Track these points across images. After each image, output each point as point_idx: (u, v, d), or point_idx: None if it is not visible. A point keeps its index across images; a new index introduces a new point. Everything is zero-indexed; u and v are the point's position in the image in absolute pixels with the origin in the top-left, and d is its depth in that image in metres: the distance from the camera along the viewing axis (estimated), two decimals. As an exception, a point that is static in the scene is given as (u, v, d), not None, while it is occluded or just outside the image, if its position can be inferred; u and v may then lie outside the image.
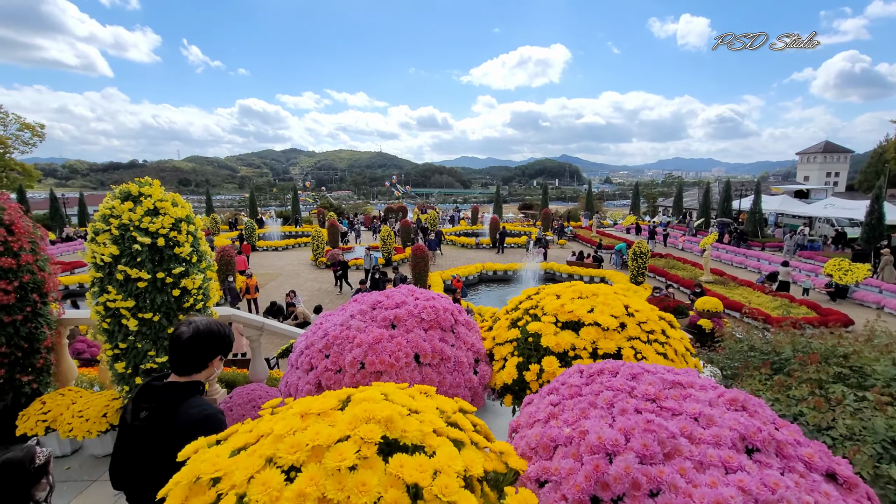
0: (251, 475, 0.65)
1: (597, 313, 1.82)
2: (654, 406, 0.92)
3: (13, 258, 3.94)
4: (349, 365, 1.62)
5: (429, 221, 32.44)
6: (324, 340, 1.73)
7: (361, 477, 0.65)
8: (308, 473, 0.65)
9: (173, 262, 3.86)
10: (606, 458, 0.79)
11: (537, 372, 1.74)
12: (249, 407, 4.47)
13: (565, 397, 1.06)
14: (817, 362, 3.48)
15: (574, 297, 1.97)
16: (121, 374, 3.85)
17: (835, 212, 25.37)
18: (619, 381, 1.02)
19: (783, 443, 0.90)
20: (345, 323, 1.79)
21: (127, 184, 3.92)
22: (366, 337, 1.68)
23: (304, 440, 0.68)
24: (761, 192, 28.44)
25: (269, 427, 0.76)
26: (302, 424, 0.73)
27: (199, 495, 0.65)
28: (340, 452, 0.68)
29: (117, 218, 3.73)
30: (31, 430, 4.01)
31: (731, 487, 0.74)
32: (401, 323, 1.85)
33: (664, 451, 0.78)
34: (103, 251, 3.64)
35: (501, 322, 2.09)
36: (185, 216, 4.03)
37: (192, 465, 0.69)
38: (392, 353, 1.65)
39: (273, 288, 18.55)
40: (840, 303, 15.37)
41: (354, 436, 0.71)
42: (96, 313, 3.80)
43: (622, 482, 0.72)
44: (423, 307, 1.91)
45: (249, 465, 0.66)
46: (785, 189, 36.40)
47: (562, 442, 0.88)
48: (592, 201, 44.09)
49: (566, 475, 0.78)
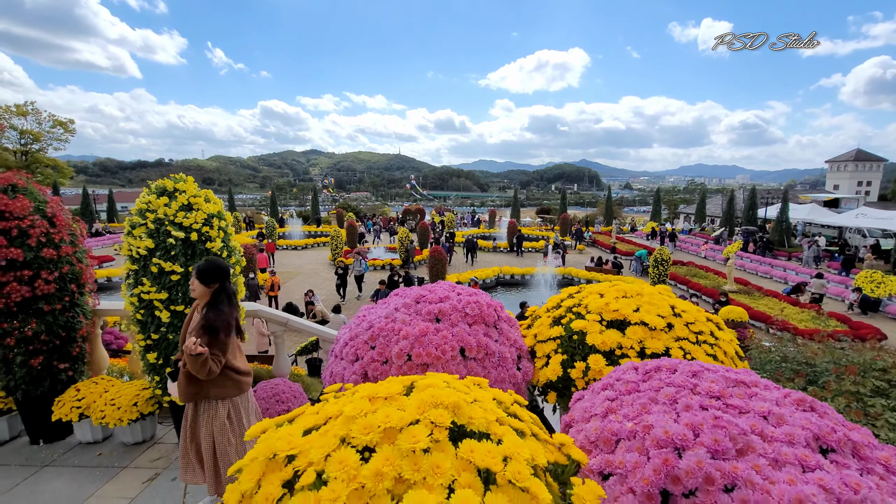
0: (327, 454, 0.66)
1: (643, 312, 1.79)
2: (720, 403, 0.91)
3: (54, 250, 4.09)
4: (396, 356, 1.64)
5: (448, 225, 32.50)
6: (369, 332, 1.75)
7: (435, 459, 0.66)
8: (383, 454, 0.65)
9: (205, 257, 3.95)
10: (675, 452, 0.78)
11: (583, 369, 1.73)
12: (274, 401, 4.53)
13: (622, 393, 1.04)
14: (856, 374, 3.37)
15: (618, 297, 1.94)
16: (152, 364, 3.96)
17: (867, 222, 24.50)
18: (680, 377, 1.00)
19: (859, 444, 0.88)
20: (389, 315, 1.81)
21: (163, 180, 4.04)
22: (412, 329, 1.70)
23: (375, 422, 0.69)
24: (789, 201, 27.67)
25: (337, 409, 0.77)
26: (371, 407, 0.74)
27: (276, 471, 0.66)
28: (413, 435, 0.69)
29: (153, 212, 3.84)
30: (66, 415, 4.14)
31: (812, 485, 0.71)
32: (445, 317, 1.86)
33: (736, 448, 0.77)
34: (139, 244, 3.75)
35: (543, 320, 2.07)
36: (217, 212, 4.13)
37: (267, 442, 0.71)
38: (438, 346, 1.66)
39: (293, 286, 18.82)
40: (872, 316, 14.82)
41: (424, 419, 0.71)
42: (130, 304, 3.91)
43: (695, 476, 0.71)
44: (466, 302, 1.91)
45: (325, 444, 0.67)
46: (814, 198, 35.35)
47: (624, 436, 0.87)
48: (612, 207, 43.55)
49: (632, 468, 0.77)
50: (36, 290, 3.97)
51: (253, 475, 0.68)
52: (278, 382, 4.79)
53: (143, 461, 4.10)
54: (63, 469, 3.97)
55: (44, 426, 4.30)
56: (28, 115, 39.53)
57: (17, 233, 3.89)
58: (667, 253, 18.44)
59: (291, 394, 4.72)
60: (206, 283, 2.85)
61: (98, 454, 4.18)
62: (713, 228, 35.11)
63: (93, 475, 3.88)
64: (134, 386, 4.34)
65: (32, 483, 3.77)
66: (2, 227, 3.83)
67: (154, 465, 4.04)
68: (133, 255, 3.83)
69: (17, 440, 4.41)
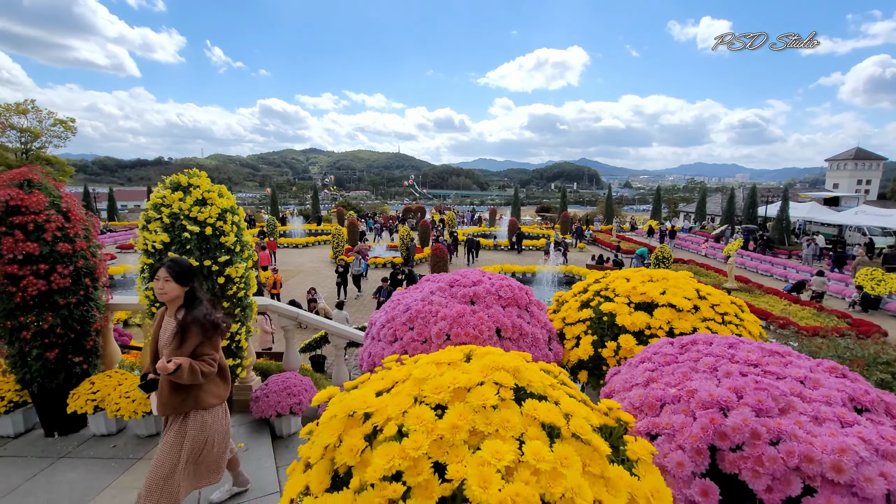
0: (404, 410, 0.71)
1: (669, 295, 1.84)
2: (758, 370, 0.96)
3: (69, 244, 4.13)
4: (435, 336, 1.70)
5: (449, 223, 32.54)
6: (406, 314, 1.81)
7: (504, 415, 0.71)
8: (456, 410, 0.71)
9: (219, 251, 4.01)
10: (720, 412, 0.84)
11: (614, 349, 1.79)
12: (286, 394, 4.59)
13: (661, 364, 1.10)
14: (862, 367, 3.43)
15: (644, 280, 2.00)
16: (167, 357, 4.01)
17: (867, 220, 24.59)
18: (717, 349, 1.05)
19: (891, 405, 0.93)
20: (426, 298, 1.87)
21: (177, 175, 4.09)
22: (449, 311, 1.75)
23: (445, 383, 0.74)
24: (789, 199, 27.75)
25: (404, 374, 0.82)
26: (438, 371, 0.79)
27: (356, 427, 0.71)
28: (482, 394, 0.74)
29: (168, 207, 3.89)
30: (81, 408, 4.19)
31: (852, 437, 0.76)
32: (480, 300, 1.92)
33: (778, 407, 0.82)
34: (155, 238, 3.81)
35: (570, 304, 2.14)
36: (230, 207, 4.18)
37: (343, 402, 0.76)
38: (476, 327, 1.72)
39: (294, 284, 18.88)
40: (872, 314, 14.91)
41: (488, 381, 0.76)
42: (146, 298, 3.96)
43: (741, 432, 0.76)
44: (500, 286, 1.98)
45: (400, 403, 0.72)
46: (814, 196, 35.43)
47: (669, 400, 0.93)
48: (612, 205, 43.62)
49: (680, 428, 0.82)
50: (51, 283, 4.02)
51: (333, 430, 0.73)
52: (290, 376, 4.85)
53: (158, 453, 4.15)
54: (78, 461, 4.02)
55: (59, 419, 4.35)
56: (28, 113, 39.48)
57: (34, 227, 3.93)
58: (668, 251, 18.48)
59: (302, 387, 4.78)
60: (184, 284, 2.72)
61: (113, 446, 4.24)
62: (713, 227, 35.20)
63: (108, 466, 3.93)
64: (147, 379, 4.39)
65: (49, 474, 3.82)
66: (19, 222, 3.87)
67: (169, 456, 4.09)
68: (149, 249, 3.88)
69: (33, 432, 4.46)
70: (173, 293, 2.70)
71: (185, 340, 2.64)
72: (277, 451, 4.40)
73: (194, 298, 2.76)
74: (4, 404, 4.26)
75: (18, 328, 3.99)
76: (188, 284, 2.75)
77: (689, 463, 0.79)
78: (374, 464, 0.63)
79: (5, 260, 3.84)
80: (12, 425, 4.34)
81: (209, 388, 2.79)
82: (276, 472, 4.01)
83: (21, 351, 4.08)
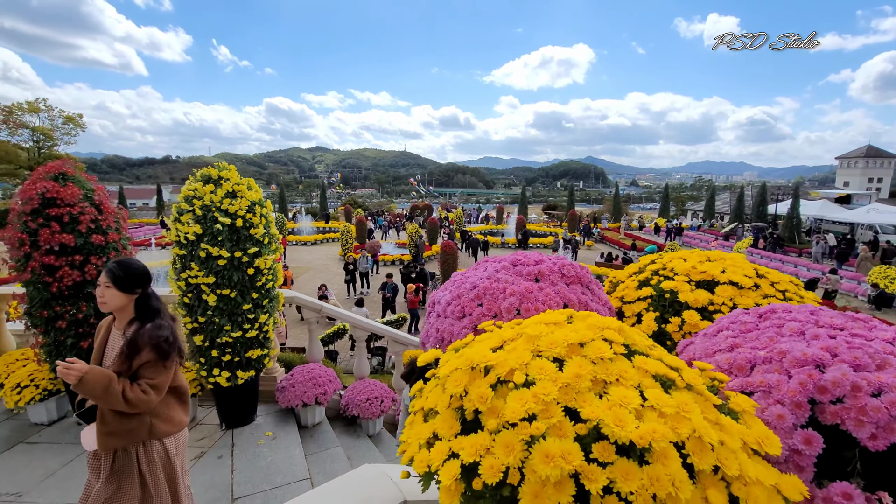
0: (525, 362, 0.76)
1: (729, 273, 1.91)
2: (845, 333, 1.00)
3: (102, 236, 4.22)
4: (506, 311, 1.76)
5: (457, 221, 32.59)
6: (474, 291, 1.88)
7: (620, 367, 0.76)
8: (575, 362, 0.76)
9: (248, 243, 4.08)
10: (816, 369, 0.88)
11: (678, 323, 1.85)
12: (311, 384, 4.68)
13: (741, 332, 1.15)
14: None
15: (702, 260, 2.07)
16: (198, 346, 4.09)
17: (879, 217, 24.33)
18: (800, 315, 1.10)
19: None
20: (491, 276, 1.94)
21: (207, 168, 4.16)
22: (517, 288, 1.82)
23: (558, 339, 0.80)
24: (800, 197, 27.54)
25: (514, 332, 0.88)
26: (547, 330, 0.84)
27: (479, 378, 0.77)
28: (597, 348, 0.79)
29: (200, 199, 3.97)
30: (114, 396, 4.29)
31: None
32: (544, 277, 1.98)
33: (875, 364, 0.87)
34: (188, 230, 3.88)
35: (627, 283, 2.20)
36: (259, 199, 4.25)
37: (462, 357, 0.81)
38: (545, 302, 1.79)
39: (303, 281, 19.01)
40: (885, 311, 14.83)
41: (598, 338, 0.82)
42: (178, 288, 4.04)
43: (842, 385, 0.81)
44: (561, 264, 2.06)
45: (519, 357, 0.78)
46: (824, 194, 35.10)
47: (759, 362, 0.97)
48: (619, 203, 43.46)
49: (776, 385, 0.87)
50: (86, 274, 4.10)
51: (458, 382, 0.78)
52: (314, 367, 4.93)
53: (189, 440, 4.23)
54: (112, 447, 4.12)
55: (90, 406, 4.44)
56: (40, 111, 39.92)
57: (69, 219, 4.02)
58: (678, 248, 18.41)
59: (327, 377, 4.86)
60: (128, 291, 2.19)
61: (144, 434, 4.33)
62: (722, 225, 34.99)
63: (142, 453, 4.02)
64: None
65: (84, 459, 3.92)
66: (54, 214, 3.96)
67: (199, 444, 4.19)
68: (181, 241, 3.96)
69: (66, 420, 4.56)
70: (115, 302, 2.18)
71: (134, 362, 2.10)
72: (304, 440, 4.48)
73: (148, 309, 2.23)
74: (39, 392, 4.37)
75: (54, 318, 4.08)
76: (134, 292, 2.21)
77: (790, 416, 0.84)
78: (509, 407, 0.68)
79: (42, 251, 3.93)
80: (46, 413, 4.45)
81: (167, 412, 2.25)
82: (304, 459, 4.09)
83: (56, 340, 4.17)
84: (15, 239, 3.93)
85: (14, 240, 3.93)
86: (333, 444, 4.63)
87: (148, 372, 2.11)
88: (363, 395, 5.04)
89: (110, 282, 2.17)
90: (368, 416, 4.98)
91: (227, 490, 3.59)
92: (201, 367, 4.21)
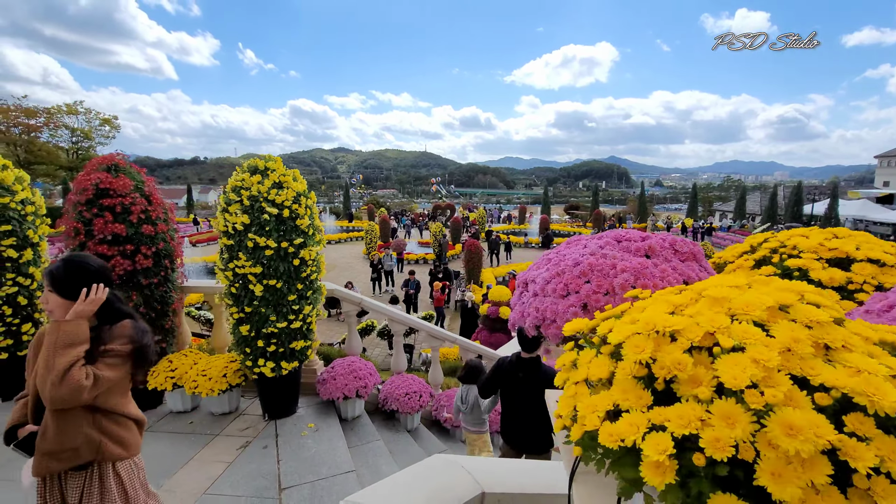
0: (725, 326, 0.68)
1: (865, 250, 1.77)
2: None
3: (152, 226, 4.29)
4: (619, 287, 1.67)
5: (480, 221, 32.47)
6: (578, 268, 1.79)
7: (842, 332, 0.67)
8: (786, 325, 0.67)
9: (294, 233, 4.08)
10: None
11: None
12: (352, 377, 4.66)
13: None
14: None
15: (829, 237, 1.93)
16: (244, 336, 4.11)
17: (926, 218, 23.16)
18: None
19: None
20: (596, 253, 1.85)
21: (254, 159, 4.18)
22: (629, 264, 1.73)
23: (754, 301, 0.71)
24: (838, 197, 26.43)
25: (690, 297, 0.80)
26: (731, 294, 0.76)
27: (665, 345, 0.69)
28: (805, 311, 0.71)
29: (247, 190, 3.98)
30: (161, 385, 4.35)
31: None
32: (655, 254, 1.88)
33: None
34: (236, 220, 3.90)
35: (738, 263, 2.07)
36: (304, 191, 4.25)
37: (639, 322, 0.74)
38: (663, 278, 1.69)
39: (329, 279, 19.11)
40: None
41: (797, 301, 0.73)
42: (225, 278, 4.07)
43: None
44: (673, 240, 1.95)
45: (710, 320, 0.70)
46: (864, 194, 33.61)
47: None
48: (645, 203, 42.59)
49: None
50: (136, 264, 4.18)
51: (638, 349, 0.70)
52: (354, 360, 4.91)
53: (233, 430, 4.27)
54: (160, 434, 4.17)
55: (138, 394, 4.50)
56: (78, 114, 41.58)
57: (121, 209, 4.10)
58: (709, 248, 17.91)
59: (367, 371, 4.83)
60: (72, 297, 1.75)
61: (190, 422, 4.38)
62: (754, 226, 33.88)
63: (189, 441, 4.06)
64: (222, 359, 4.52)
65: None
66: (107, 204, 4.04)
67: (244, 434, 4.20)
68: (229, 231, 3.98)
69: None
70: (60, 312, 1.76)
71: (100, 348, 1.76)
72: (345, 433, 4.46)
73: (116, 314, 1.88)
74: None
75: (106, 306, 4.16)
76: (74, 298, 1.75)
77: None
78: (727, 373, 0.60)
79: (96, 240, 4.02)
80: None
81: (119, 433, 1.87)
82: (348, 451, 4.06)
83: (107, 328, 4.26)
84: (71, 228, 4.02)
85: (70, 229, 4.02)
86: (374, 437, 4.59)
87: (106, 360, 1.75)
88: (402, 390, 5.00)
89: (50, 285, 1.77)
90: (407, 410, 4.94)
91: (273, 480, 3.58)
92: (246, 357, 4.23)
